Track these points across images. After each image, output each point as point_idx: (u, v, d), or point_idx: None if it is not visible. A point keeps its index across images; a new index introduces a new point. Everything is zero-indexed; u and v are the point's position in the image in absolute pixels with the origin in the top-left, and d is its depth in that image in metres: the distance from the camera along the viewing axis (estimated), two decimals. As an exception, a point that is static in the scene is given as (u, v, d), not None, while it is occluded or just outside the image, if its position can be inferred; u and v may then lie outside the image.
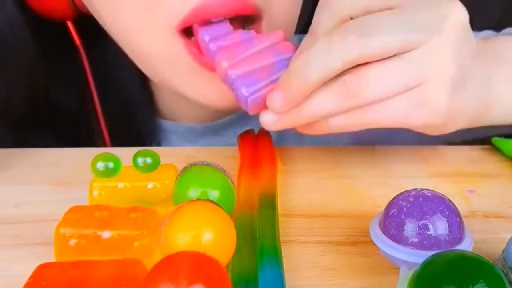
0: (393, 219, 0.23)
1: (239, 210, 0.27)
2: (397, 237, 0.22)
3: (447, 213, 0.22)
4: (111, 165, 0.27)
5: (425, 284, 0.18)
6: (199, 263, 0.19)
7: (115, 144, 0.45)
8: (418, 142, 0.33)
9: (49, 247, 0.23)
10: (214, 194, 0.25)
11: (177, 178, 0.27)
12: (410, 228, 0.22)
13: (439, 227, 0.22)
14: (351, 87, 0.27)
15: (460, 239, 0.22)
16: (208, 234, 0.21)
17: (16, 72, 0.42)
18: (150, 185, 0.27)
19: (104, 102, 0.45)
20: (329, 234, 0.27)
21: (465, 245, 0.22)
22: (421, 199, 0.22)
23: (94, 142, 0.46)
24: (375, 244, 0.23)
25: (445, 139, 0.35)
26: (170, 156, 0.32)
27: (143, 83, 0.45)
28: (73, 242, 0.23)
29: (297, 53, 0.29)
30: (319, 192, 0.32)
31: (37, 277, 0.21)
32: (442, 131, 0.30)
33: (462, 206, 0.29)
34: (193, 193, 0.25)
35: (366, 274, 0.24)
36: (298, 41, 0.51)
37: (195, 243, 0.21)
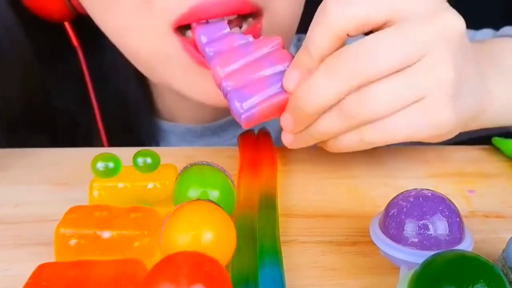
0: (393, 219, 0.23)
1: (239, 210, 0.27)
2: (397, 237, 0.22)
3: (447, 213, 0.22)
4: (111, 165, 0.27)
5: (425, 284, 0.18)
6: (199, 263, 0.19)
7: (113, 145, 0.45)
8: (418, 142, 0.33)
9: (49, 247, 0.23)
10: (214, 194, 0.25)
11: (177, 178, 0.27)
12: (410, 228, 0.22)
13: (439, 227, 0.22)
14: (352, 108, 0.27)
15: (460, 239, 0.22)
16: (208, 234, 0.21)
17: (12, 73, 0.42)
18: (150, 185, 0.27)
19: (102, 103, 0.45)
20: (329, 234, 0.27)
21: (465, 245, 0.22)
22: (421, 199, 0.22)
23: (92, 143, 0.46)
24: (375, 244, 0.23)
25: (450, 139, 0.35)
26: (170, 156, 0.32)
27: (141, 83, 0.45)
28: (73, 242, 0.23)
29: (290, 67, 0.29)
30: (319, 192, 0.32)
31: (37, 277, 0.21)
32: (444, 138, 0.30)
33: (462, 206, 0.29)
34: (193, 193, 0.25)
35: (366, 274, 0.24)
36: (297, 41, 0.51)
37: (195, 243, 0.21)
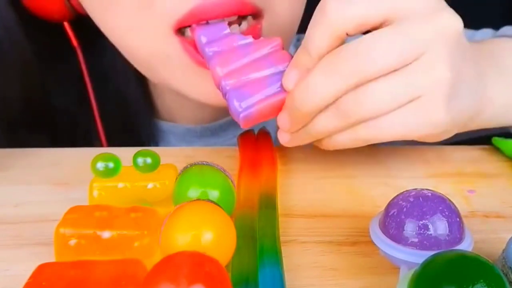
0: (393, 219, 0.23)
1: (239, 210, 0.27)
2: (397, 237, 0.22)
3: (447, 213, 0.22)
4: (111, 165, 0.27)
5: (425, 284, 0.18)
6: (199, 263, 0.19)
7: (113, 145, 0.45)
8: (416, 142, 0.33)
9: (49, 247, 0.23)
10: (214, 194, 0.25)
11: (177, 178, 0.27)
12: (410, 228, 0.22)
13: (439, 227, 0.22)
14: (350, 106, 0.27)
15: (460, 239, 0.22)
16: (208, 234, 0.21)
17: (12, 73, 0.42)
18: (150, 185, 0.27)
19: (102, 103, 0.45)
20: (329, 234, 0.27)
21: (465, 245, 0.22)
22: (421, 199, 0.22)
23: (91, 143, 0.46)
24: (375, 244, 0.23)
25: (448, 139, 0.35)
26: (170, 156, 0.32)
27: (141, 83, 0.45)
28: (73, 242, 0.23)
29: (289, 67, 0.29)
30: (319, 192, 0.32)
31: (37, 277, 0.21)
32: (441, 138, 0.30)
33: (462, 206, 0.29)
34: (193, 193, 0.25)
35: (366, 274, 0.24)
36: (297, 40, 0.51)
37: (195, 243, 0.21)
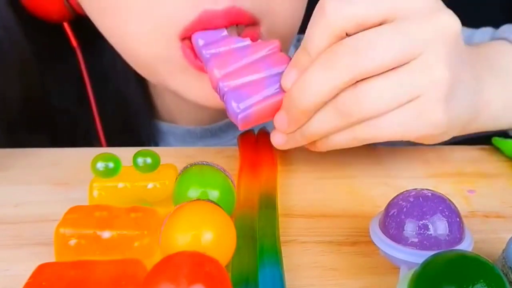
0: (393, 219, 0.23)
1: (239, 210, 0.27)
2: (397, 237, 0.22)
3: (447, 213, 0.22)
4: (111, 165, 0.27)
5: (425, 284, 0.18)
6: (199, 263, 0.19)
7: (113, 145, 0.45)
8: (414, 143, 0.33)
9: (49, 247, 0.23)
10: (214, 194, 0.25)
11: (177, 178, 0.27)
12: (410, 228, 0.22)
13: (439, 227, 0.22)
14: (348, 105, 0.27)
15: (460, 239, 0.22)
16: (208, 234, 0.21)
17: (11, 73, 0.42)
18: (150, 185, 0.27)
19: (101, 104, 0.45)
20: (329, 234, 0.27)
21: (465, 245, 0.22)
22: (421, 199, 0.22)
23: (91, 144, 0.46)
24: (375, 244, 0.23)
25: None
26: (170, 156, 0.32)
27: (141, 84, 0.45)
28: (73, 242, 0.23)
29: (289, 67, 0.29)
30: (319, 192, 0.32)
31: (37, 277, 0.21)
32: (438, 140, 0.30)
33: (462, 206, 0.29)
34: (193, 193, 0.25)
35: (366, 274, 0.24)
36: (297, 41, 0.51)
37: (195, 243, 0.21)
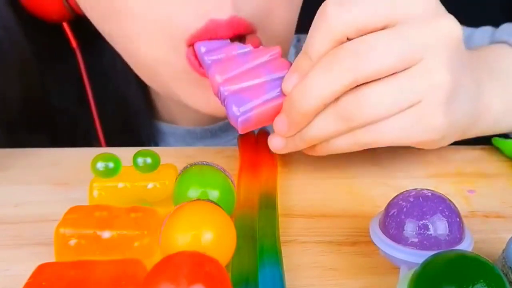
0: (393, 219, 0.23)
1: (239, 210, 0.27)
2: (397, 237, 0.22)
3: (447, 213, 0.22)
4: (111, 165, 0.27)
5: (425, 284, 0.18)
6: (199, 263, 0.19)
7: (113, 146, 0.45)
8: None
9: (49, 247, 0.23)
10: (214, 194, 0.25)
11: (177, 178, 0.27)
12: (410, 228, 0.22)
13: (439, 227, 0.22)
14: (349, 109, 0.27)
15: (460, 239, 0.22)
16: (208, 234, 0.21)
17: (11, 73, 0.42)
18: (150, 185, 0.27)
19: (101, 104, 0.45)
20: (329, 234, 0.27)
21: (465, 245, 0.22)
22: (421, 199, 0.22)
23: (91, 144, 0.46)
24: (375, 244, 0.23)
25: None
26: (170, 156, 0.32)
27: (141, 85, 0.45)
28: (73, 242, 0.23)
29: (290, 72, 0.29)
30: (319, 192, 0.32)
31: (37, 277, 0.21)
32: (438, 145, 0.30)
33: (462, 206, 0.29)
34: (193, 193, 0.25)
35: (366, 274, 0.24)
36: (297, 41, 0.51)
37: (195, 243, 0.21)
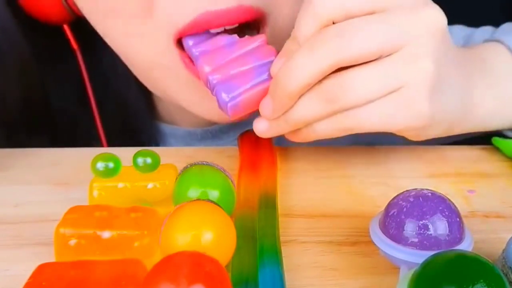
0: (393, 219, 0.23)
1: (239, 210, 0.27)
2: (397, 237, 0.22)
3: (447, 213, 0.22)
4: (111, 165, 0.27)
5: (425, 284, 0.18)
6: (199, 263, 0.19)
7: (113, 146, 0.45)
8: (417, 143, 0.33)
9: (49, 247, 0.23)
10: (214, 194, 0.25)
11: (177, 178, 0.27)
12: (410, 228, 0.22)
13: (439, 227, 0.22)
14: (332, 91, 0.27)
15: (460, 239, 0.22)
16: (208, 234, 0.21)
17: (10, 74, 0.42)
18: (150, 185, 0.27)
19: (102, 105, 0.45)
20: (329, 234, 0.27)
21: (465, 245, 0.22)
22: (421, 199, 0.22)
23: (91, 145, 0.46)
24: (375, 244, 0.23)
25: (445, 139, 0.35)
26: (170, 156, 0.32)
27: (142, 86, 0.45)
28: (73, 242, 0.23)
29: (278, 56, 0.29)
30: (319, 192, 0.32)
31: (37, 277, 0.21)
32: (423, 135, 0.30)
33: (462, 206, 0.29)
34: (193, 193, 0.25)
35: (366, 274, 0.24)
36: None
37: (195, 243, 0.21)
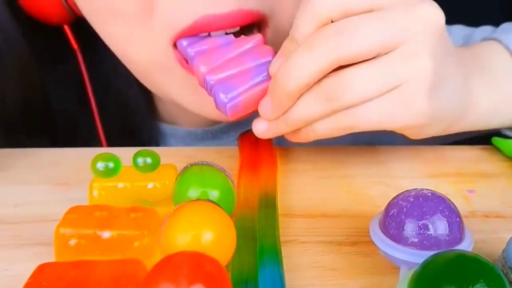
0: (393, 219, 0.23)
1: (239, 210, 0.27)
2: (397, 237, 0.22)
3: (447, 213, 0.22)
4: (111, 165, 0.27)
5: (425, 284, 0.18)
6: (199, 263, 0.19)
7: (113, 146, 0.45)
8: (417, 142, 0.33)
9: (49, 247, 0.23)
10: (214, 194, 0.25)
11: (177, 178, 0.27)
12: (410, 228, 0.22)
13: (439, 227, 0.22)
14: (332, 90, 0.27)
15: (460, 239, 0.22)
16: (208, 234, 0.21)
17: (10, 75, 0.41)
18: (150, 185, 0.27)
19: (102, 105, 0.45)
20: (329, 234, 0.27)
21: (465, 245, 0.22)
22: (421, 199, 0.22)
23: (91, 145, 0.46)
24: (375, 244, 0.23)
25: (445, 139, 0.35)
26: (170, 156, 0.32)
27: (142, 86, 0.45)
28: (73, 242, 0.23)
29: (277, 56, 0.29)
30: (319, 192, 0.32)
31: (37, 277, 0.21)
32: (422, 133, 0.30)
33: (462, 206, 0.29)
34: (193, 193, 0.25)
35: (366, 274, 0.24)
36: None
37: (195, 243, 0.21)
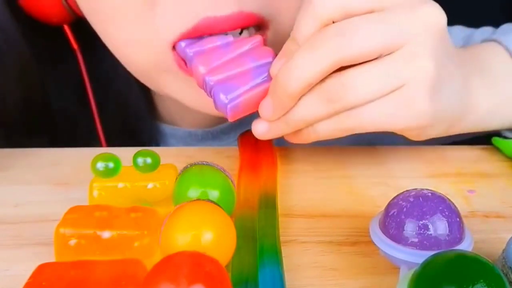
0: (393, 219, 0.23)
1: (239, 210, 0.27)
2: (397, 237, 0.22)
3: (447, 213, 0.22)
4: (111, 165, 0.27)
5: (425, 284, 0.18)
6: (199, 263, 0.19)
7: (113, 146, 0.45)
8: (418, 142, 0.33)
9: (49, 247, 0.23)
10: (214, 194, 0.25)
11: (177, 178, 0.27)
12: (410, 228, 0.22)
13: (439, 227, 0.22)
14: (334, 91, 0.27)
15: (460, 239, 0.22)
16: (208, 234, 0.21)
17: (10, 74, 0.41)
18: (150, 185, 0.27)
19: (102, 105, 0.45)
20: (329, 234, 0.27)
21: (465, 245, 0.22)
22: (421, 199, 0.22)
23: (91, 144, 0.46)
24: (375, 244, 0.23)
25: (445, 139, 0.35)
26: (170, 156, 0.32)
27: (142, 86, 0.45)
28: (73, 242, 0.23)
29: (278, 57, 0.29)
30: (319, 192, 0.32)
31: (37, 277, 0.21)
32: (423, 135, 0.30)
33: (462, 206, 0.29)
34: (193, 193, 0.25)
35: (366, 274, 0.24)
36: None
37: (195, 243, 0.21)
